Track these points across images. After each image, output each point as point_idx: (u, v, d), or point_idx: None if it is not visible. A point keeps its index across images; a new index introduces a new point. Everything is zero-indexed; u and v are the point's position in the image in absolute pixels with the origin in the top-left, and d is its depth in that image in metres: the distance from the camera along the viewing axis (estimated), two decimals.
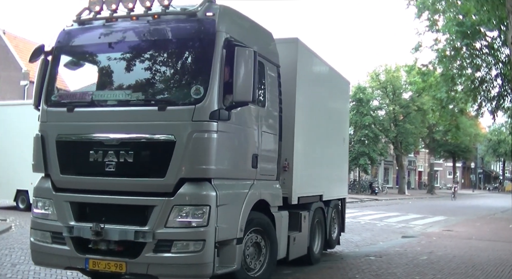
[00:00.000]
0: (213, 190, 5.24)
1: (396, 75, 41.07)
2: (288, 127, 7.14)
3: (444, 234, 13.57)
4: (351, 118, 38.49)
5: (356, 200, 30.12)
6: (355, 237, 12.89)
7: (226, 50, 5.39)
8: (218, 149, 5.34)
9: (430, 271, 8.04)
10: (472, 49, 18.04)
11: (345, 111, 11.31)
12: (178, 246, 5.13)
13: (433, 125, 43.27)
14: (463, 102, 20.50)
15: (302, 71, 7.72)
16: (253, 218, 5.91)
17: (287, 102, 7.02)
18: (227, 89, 5.35)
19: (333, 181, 9.67)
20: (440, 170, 69.43)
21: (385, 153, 42.83)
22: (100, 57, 6.13)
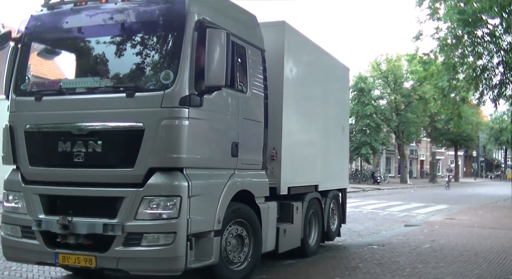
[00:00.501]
0: (185, 180, 5.03)
1: (397, 64, 40.93)
2: (276, 115, 6.87)
3: (446, 223, 13.61)
4: (352, 108, 38.53)
5: (358, 190, 30.19)
6: (357, 226, 12.94)
7: (198, 32, 5.16)
8: (190, 136, 5.13)
9: (433, 259, 8.07)
10: (474, 37, 17.92)
11: (345, 99, 10.87)
12: (148, 239, 4.94)
13: (435, 114, 43.18)
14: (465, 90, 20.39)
15: (290, 56, 7.39)
16: (234, 209, 5.74)
17: (274, 89, 6.76)
18: (199, 74, 5.13)
19: (331, 171, 9.34)
20: (442, 158, 69.42)
21: (387, 142, 42.81)
22: (68, 43, 5.94)
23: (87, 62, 5.85)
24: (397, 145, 46.12)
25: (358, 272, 7.02)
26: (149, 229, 4.96)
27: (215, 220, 5.35)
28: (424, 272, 7.03)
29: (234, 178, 5.80)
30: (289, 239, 7.24)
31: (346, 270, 7.14)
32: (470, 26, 16.88)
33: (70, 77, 5.84)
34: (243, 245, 5.96)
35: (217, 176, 5.61)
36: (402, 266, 7.44)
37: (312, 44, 8.53)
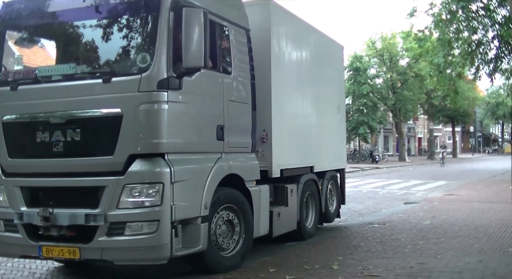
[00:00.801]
0: (167, 166, 4.90)
1: (392, 42, 40.71)
2: (265, 96, 6.76)
3: (445, 199, 13.70)
4: (348, 88, 38.37)
5: (357, 169, 30.30)
6: (357, 206, 13.02)
7: (174, 12, 5.01)
8: (170, 121, 4.99)
9: (433, 235, 8.14)
10: (468, 11, 17.77)
11: (340, 77, 10.58)
12: (132, 228, 4.84)
13: (431, 91, 43.04)
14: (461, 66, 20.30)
15: (277, 35, 7.20)
16: (223, 194, 5.64)
17: (261, 69, 6.63)
18: (177, 56, 4.97)
19: (327, 152, 9.15)
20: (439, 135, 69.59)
21: (384, 121, 42.85)
22: (42, 29, 5.79)
23: (62, 49, 5.71)
24: (394, 123, 46.12)
25: (360, 250, 7.08)
26: (132, 217, 4.85)
27: (202, 205, 5.24)
28: (426, 248, 7.10)
29: (220, 162, 5.67)
30: (284, 222, 7.13)
31: (348, 249, 7.20)
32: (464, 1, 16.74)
33: (46, 64, 5.71)
34: (233, 231, 5.86)
35: (202, 160, 5.48)
36: (403, 243, 7.50)
37: (301, 22, 8.32)
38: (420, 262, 6.18)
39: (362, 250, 7.09)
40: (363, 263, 6.21)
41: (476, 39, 19.04)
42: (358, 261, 6.39)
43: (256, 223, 6.26)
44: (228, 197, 5.78)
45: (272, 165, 6.87)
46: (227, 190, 5.77)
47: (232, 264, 5.83)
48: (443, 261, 6.24)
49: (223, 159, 5.75)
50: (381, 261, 6.38)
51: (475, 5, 17.79)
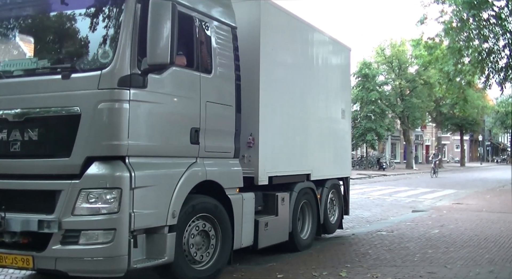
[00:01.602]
0: (126, 170, 4.50)
1: (402, 49, 40.67)
2: (252, 98, 6.36)
3: (454, 207, 13.58)
4: (357, 95, 38.38)
5: (364, 176, 30.17)
6: (365, 213, 12.94)
7: (142, 4, 4.67)
8: (133, 121, 4.60)
9: (442, 244, 8.06)
10: (479, 20, 17.71)
11: (345, 80, 9.87)
12: (87, 236, 4.44)
13: (440, 98, 42.96)
14: (471, 74, 20.22)
15: (268, 34, 6.73)
16: (198, 202, 5.25)
17: (249, 70, 6.24)
18: (142, 51, 4.59)
19: (328, 159, 8.61)
20: (447, 143, 69.24)
21: (392, 128, 42.69)
22: (4, 23, 5.45)
23: (23, 42, 5.43)
24: (402, 131, 45.98)
25: (368, 258, 7.01)
26: (87, 225, 4.47)
27: (169, 214, 4.83)
28: (435, 257, 7.02)
29: (194, 168, 5.25)
30: (273, 233, 6.69)
31: (356, 256, 7.14)
32: (476, 9, 16.69)
33: (5, 59, 5.36)
34: (209, 242, 5.42)
35: (172, 165, 5.06)
36: (412, 252, 7.43)
37: (298, 21, 7.81)
38: (430, 271, 6.11)
39: (370, 258, 7.02)
40: (371, 271, 6.14)
41: (486, 47, 18.95)
42: (366, 269, 6.32)
43: (238, 234, 5.82)
44: (204, 206, 5.36)
45: (258, 171, 6.41)
46: (203, 198, 5.38)
47: (205, 277, 5.36)
48: (453, 271, 6.17)
49: (198, 164, 5.32)
50: (390, 269, 6.32)
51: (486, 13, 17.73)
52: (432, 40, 19.56)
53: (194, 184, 5.20)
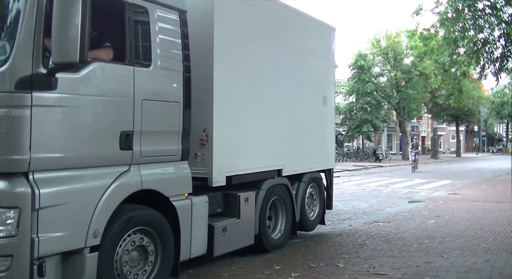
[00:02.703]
0: (28, 187, 3.79)
1: (397, 40, 40.59)
2: (205, 91, 5.68)
3: (450, 198, 13.66)
4: (352, 86, 38.37)
5: (361, 168, 30.26)
6: (362, 204, 12.98)
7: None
8: (38, 130, 3.85)
9: (439, 234, 8.11)
10: (475, 10, 17.66)
11: (328, 64, 8.87)
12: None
13: (436, 89, 42.99)
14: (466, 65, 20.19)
15: (224, 14, 5.94)
16: (134, 215, 4.58)
17: (201, 58, 5.55)
18: (49, 47, 3.86)
19: (304, 151, 7.81)
20: (443, 134, 69.42)
21: (388, 120, 42.70)
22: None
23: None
24: (398, 122, 46.03)
25: (366, 249, 7.05)
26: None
27: (89, 233, 4.16)
28: (431, 247, 7.06)
29: (125, 177, 4.52)
30: (234, 238, 6.06)
31: (353, 247, 7.18)
32: None
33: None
34: (147, 258, 4.77)
35: (93, 177, 4.31)
36: (409, 242, 7.47)
37: (265, 1, 6.97)
38: (426, 261, 6.15)
39: (367, 249, 7.06)
40: (368, 261, 6.18)
41: (482, 38, 18.92)
42: (363, 259, 6.36)
43: (185, 244, 5.19)
44: (142, 218, 4.68)
45: (212, 171, 5.73)
46: (140, 210, 4.71)
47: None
48: (450, 261, 6.21)
49: (131, 172, 4.60)
50: (387, 259, 6.35)
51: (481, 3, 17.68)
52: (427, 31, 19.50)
53: (125, 196, 4.49)
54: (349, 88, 39.39)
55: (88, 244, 4.18)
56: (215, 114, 5.76)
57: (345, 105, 41.72)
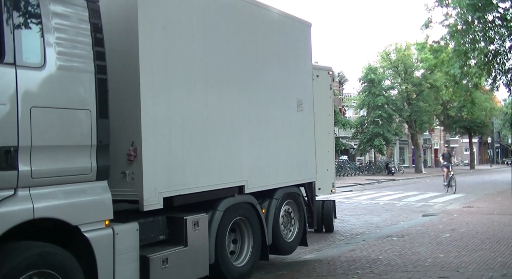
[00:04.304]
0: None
1: (407, 53, 40.61)
2: (129, 95, 4.76)
3: (465, 211, 13.47)
4: (363, 100, 38.37)
5: (373, 181, 30.04)
6: (375, 218, 12.86)
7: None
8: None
9: (454, 248, 7.98)
10: (485, 22, 17.64)
11: (303, 64, 7.83)
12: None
13: (447, 101, 42.80)
14: (477, 76, 20.10)
15: (154, 8, 5.00)
16: (28, 255, 3.59)
17: (124, 57, 4.78)
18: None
19: (274, 163, 6.82)
20: (456, 146, 68.84)
21: (399, 133, 42.54)
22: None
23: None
24: (410, 135, 45.79)
25: (379, 264, 6.96)
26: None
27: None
28: (446, 262, 6.95)
29: (8, 205, 3.58)
30: (178, 270, 5.06)
31: (367, 262, 7.09)
32: (480, 11, 16.61)
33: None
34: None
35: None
36: (424, 257, 7.36)
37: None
38: (442, 276, 6.05)
39: (381, 264, 6.97)
40: (382, 277, 6.10)
41: (493, 49, 18.85)
42: (377, 274, 6.28)
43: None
44: (39, 259, 3.66)
45: (143, 193, 4.72)
46: (36, 249, 3.69)
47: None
48: (465, 275, 6.11)
49: (18, 198, 3.65)
50: (401, 274, 6.26)
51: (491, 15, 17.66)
52: (437, 43, 19.49)
53: (6, 228, 3.52)
54: (360, 102, 39.38)
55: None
56: (144, 124, 4.77)
57: (356, 119, 41.67)
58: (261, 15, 6.86)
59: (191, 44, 5.49)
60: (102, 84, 4.32)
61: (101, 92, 4.31)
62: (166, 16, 5.15)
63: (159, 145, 4.95)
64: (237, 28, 6.29)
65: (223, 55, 6.00)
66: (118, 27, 4.78)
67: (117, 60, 4.67)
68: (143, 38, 4.80)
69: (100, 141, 4.28)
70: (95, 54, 4.28)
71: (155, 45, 4.97)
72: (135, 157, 4.74)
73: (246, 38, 6.46)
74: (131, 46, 4.76)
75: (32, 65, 3.85)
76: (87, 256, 4.06)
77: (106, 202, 4.31)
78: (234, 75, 6.20)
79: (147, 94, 4.82)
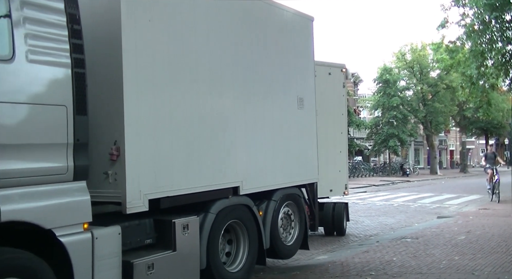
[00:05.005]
0: None
1: (423, 53, 40.24)
2: (112, 90, 4.51)
3: (480, 213, 13.34)
4: (378, 100, 38.18)
5: (388, 182, 29.87)
6: (389, 220, 12.78)
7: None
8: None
9: (469, 250, 7.91)
10: (502, 21, 17.43)
11: (304, 60, 7.47)
12: None
13: (463, 102, 42.30)
14: (494, 77, 19.87)
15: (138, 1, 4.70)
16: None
17: (105, 51, 4.52)
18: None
19: (272, 163, 6.52)
20: (472, 147, 68.08)
21: (414, 134, 42.24)
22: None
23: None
24: (425, 136, 45.41)
25: (393, 265, 6.92)
26: None
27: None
28: (462, 264, 6.89)
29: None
30: (166, 276, 4.80)
31: (381, 264, 7.06)
32: (498, 11, 16.43)
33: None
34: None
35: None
36: (438, 259, 7.31)
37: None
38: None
39: (395, 265, 6.93)
40: None
41: (510, 49, 18.63)
42: (391, 276, 6.24)
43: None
44: (9, 264, 3.44)
45: (126, 194, 4.43)
46: (6, 254, 3.48)
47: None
48: (481, 278, 6.06)
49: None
50: (415, 276, 6.22)
51: (509, 15, 17.45)
52: (453, 43, 19.32)
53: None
54: (375, 103, 39.17)
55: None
56: (127, 122, 4.49)
57: (371, 119, 41.44)
58: (258, 8, 6.53)
59: (180, 38, 5.19)
60: (80, 79, 4.08)
61: (79, 88, 4.07)
62: (153, 8, 4.86)
63: (144, 143, 4.67)
64: (230, 21, 5.97)
65: (216, 49, 5.68)
66: (100, 19, 4.53)
67: (99, 54, 4.45)
68: (127, 31, 4.52)
69: (78, 139, 4.04)
70: (72, 46, 4.03)
71: (140, 39, 4.69)
72: (118, 157, 4.47)
73: (241, 32, 6.14)
74: (114, 40, 4.48)
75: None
76: (63, 262, 3.80)
77: (84, 204, 4.06)
78: (228, 70, 5.88)
79: (131, 91, 4.54)
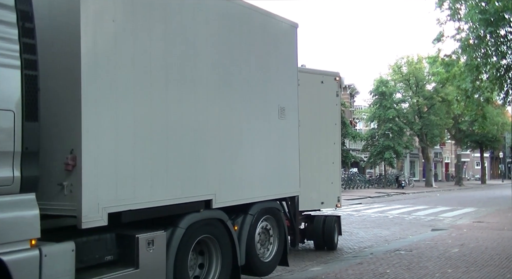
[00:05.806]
0: None
1: (419, 66, 40.57)
2: (69, 95, 4.19)
3: (474, 226, 13.36)
4: (374, 113, 38.34)
5: (383, 194, 29.89)
6: (383, 232, 12.79)
7: None
8: None
9: (463, 263, 7.93)
10: (497, 36, 17.64)
11: (286, 67, 7.13)
12: None
13: (459, 115, 42.54)
14: (489, 91, 20.06)
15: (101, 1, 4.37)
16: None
17: (63, 53, 4.22)
18: None
19: (248, 175, 6.18)
20: (467, 160, 68.28)
21: (410, 146, 42.36)
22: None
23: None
24: (421, 148, 45.56)
25: (387, 278, 6.93)
26: None
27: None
28: (455, 277, 6.91)
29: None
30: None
31: (374, 276, 7.06)
32: (493, 26, 16.63)
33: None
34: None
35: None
36: (432, 271, 7.32)
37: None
38: None
39: (388, 278, 6.94)
40: None
41: (505, 64, 18.83)
42: None
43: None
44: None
45: (81, 207, 4.06)
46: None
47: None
48: None
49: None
50: None
51: (503, 29, 17.65)
52: (449, 57, 19.49)
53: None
54: (371, 115, 39.33)
55: None
56: (85, 129, 4.16)
57: (367, 131, 41.57)
58: (238, 11, 6.23)
59: (148, 40, 4.86)
60: (31, 81, 3.77)
61: (29, 91, 3.75)
62: (118, 7, 4.52)
63: (103, 152, 4.31)
64: (206, 23, 5.63)
65: (188, 53, 5.37)
66: (59, 20, 4.25)
67: (56, 56, 4.16)
68: (86, 31, 4.18)
69: (26, 147, 3.73)
70: (22, 46, 3.73)
71: (102, 40, 4.35)
72: (74, 167, 4.11)
73: (217, 35, 5.82)
74: (72, 41, 4.15)
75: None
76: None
77: (32, 219, 3.70)
78: (201, 76, 5.54)
79: (90, 95, 4.20)
